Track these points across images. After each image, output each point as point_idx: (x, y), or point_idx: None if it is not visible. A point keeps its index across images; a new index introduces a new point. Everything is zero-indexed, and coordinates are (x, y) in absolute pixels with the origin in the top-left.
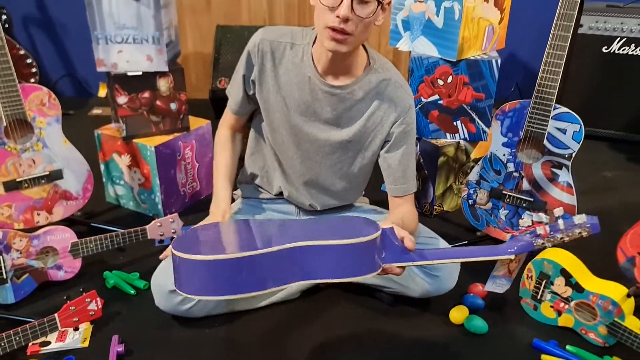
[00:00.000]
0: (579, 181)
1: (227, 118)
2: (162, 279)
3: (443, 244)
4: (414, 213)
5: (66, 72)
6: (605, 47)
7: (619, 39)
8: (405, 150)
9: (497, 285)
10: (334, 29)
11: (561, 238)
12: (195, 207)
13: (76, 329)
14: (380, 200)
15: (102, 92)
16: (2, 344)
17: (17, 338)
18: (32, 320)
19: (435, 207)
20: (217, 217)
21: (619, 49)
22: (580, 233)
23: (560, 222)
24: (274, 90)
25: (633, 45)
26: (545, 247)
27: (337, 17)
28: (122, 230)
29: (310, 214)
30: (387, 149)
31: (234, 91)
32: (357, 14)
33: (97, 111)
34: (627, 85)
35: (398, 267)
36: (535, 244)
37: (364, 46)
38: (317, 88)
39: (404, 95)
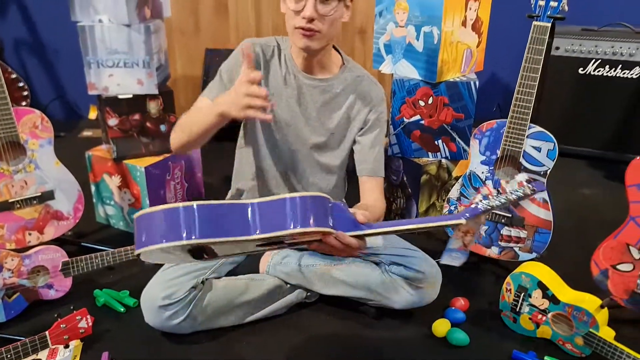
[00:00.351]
0: (557, 198)
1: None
2: (152, 293)
3: (422, 255)
4: (381, 201)
5: (57, 95)
6: (582, 69)
7: (594, 60)
8: (377, 134)
9: (453, 258)
10: (302, 28)
11: (506, 197)
12: None
13: (67, 346)
14: None
15: (93, 114)
16: None
17: (9, 356)
18: (23, 338)
19: None
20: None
21: (594, 70)
22: (524, 191)
23: (504, 183)
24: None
25: (607, 66)
26: (492, 207)
27: (304, 18)
28: (112, 249)
29: None
30: (361, 132)
31: (218, 84)
32: (320, 12)
33: (87, 133)
34: (603, 105)
35: (351, 236)
36: (482, 206)
37: (337, 49)
38: (301, 83)
39: (377, 89)
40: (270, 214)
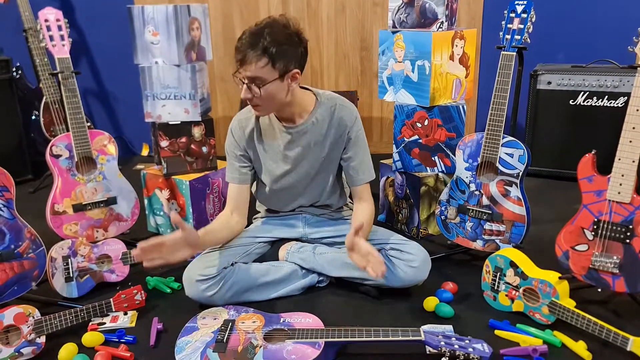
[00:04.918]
0: (553, 212)
1: (230, 194)
2: (192, 270)
3: (415, 243)
4: (369, 202)
5: (116, 134)
6: (572, 100)
7: (582, 92)
8: (358, 147)
9: None
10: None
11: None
12: None
13: (125, 313)
14: None
15: (145, 151)
16: (71, 317)
17: (82, 314)
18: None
19: (421, 230)
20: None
21: (583, 102)
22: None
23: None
24: (261, 152)
25: (595, 97)
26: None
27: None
28: None
29: (314, 217)
30: (345, 151)
31: (230, 165)
32: (253, 93)
33: (140, 166)
34: (592, 132)
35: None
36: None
37: (308, 89)
38: (285, 134)
39: (348, 112)
40: None
